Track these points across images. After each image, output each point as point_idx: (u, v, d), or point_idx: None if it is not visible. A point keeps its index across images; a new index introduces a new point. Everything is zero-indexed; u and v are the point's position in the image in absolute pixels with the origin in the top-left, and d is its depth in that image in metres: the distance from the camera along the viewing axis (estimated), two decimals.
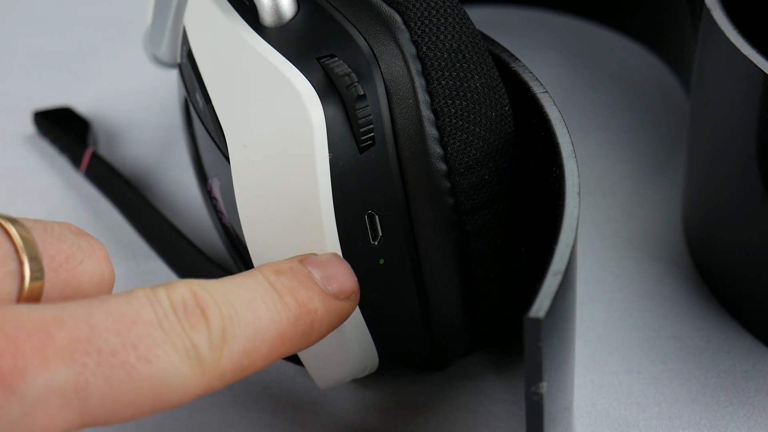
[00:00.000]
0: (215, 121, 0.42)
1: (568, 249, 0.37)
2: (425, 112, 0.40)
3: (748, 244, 0.47)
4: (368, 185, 0.40)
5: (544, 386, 0.40)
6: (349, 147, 0.39)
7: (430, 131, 0.40)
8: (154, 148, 0.59)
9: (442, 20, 0.41)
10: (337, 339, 0.41)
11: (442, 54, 0.40)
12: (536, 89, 0.42)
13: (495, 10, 0.67)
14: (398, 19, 0.40)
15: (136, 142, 0.60)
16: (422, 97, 0.40)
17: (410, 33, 0.40)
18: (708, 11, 0.46)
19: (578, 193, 0.38)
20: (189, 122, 0.49)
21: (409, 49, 0.40)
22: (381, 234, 0.40)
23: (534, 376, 0.36)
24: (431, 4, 0.41)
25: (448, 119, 0.40)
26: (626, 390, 0.47)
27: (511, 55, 0.43)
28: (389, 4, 0.41)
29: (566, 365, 0.40)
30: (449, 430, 0.46)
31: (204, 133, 0.45)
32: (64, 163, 0.58)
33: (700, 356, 0.48)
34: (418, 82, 0.40)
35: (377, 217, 0.40)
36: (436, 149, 0.40)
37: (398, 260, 0.41)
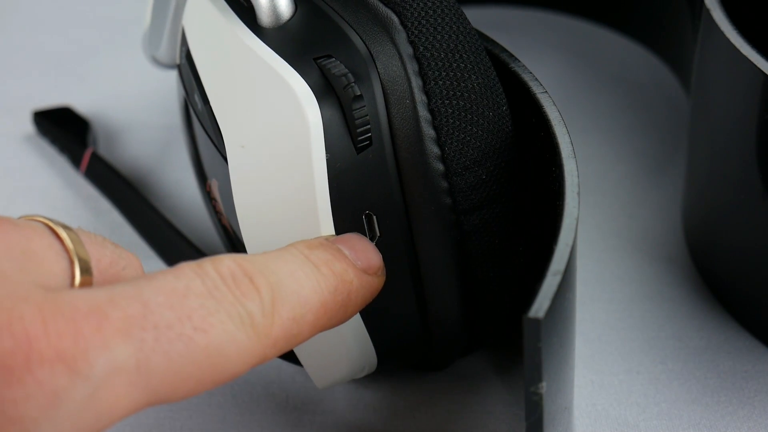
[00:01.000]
0: (213, 121, 0.42)
1: (568, 249, 0.37)
2: (422, 112, 0.40)
3: (748, 244, 0.47)
4: (365, 185, 0.40)
5: (544, 386, 0.40)
6: (346, 147, 0.39)
7: (428, 131, 0.40)
8: (154, 148, 0.59)
9: (439, 20, 0.41)
10: (336, 339, 0.41)
11: (439, 54, 0.40)
12: (536, 89, 0.42)
13: (495, 10, 0.67)
14: (395, 19, 0.40)
15: (136, 142, 0.60)
16: (419, 97, 0.40)
17: (407, 33, 0.40)
18: (708, 11, 0.46)
19: (578, 193, 0.38)
20: (188, 123, 0.49)
21: (405, 50, 0.40)
22: (379, 234, 0.40)
23: (534, 376, 0.36)
24: (428, 4, 0.41)
25: (445, 119, 0.40)
26: (626, 390, 0.47)
27: (511, 55, 0.43)
28: (386, 5, 0.41)
29: (566, 365, 0.40)
30: (449, 430, 0.46)
31: (203, 134, 0.45)
32: (64, 163, 0.58)
33: (700, 356, 0.48)
34: (415, 83, 0.40)
35: (375, 217, 0.40)
36: (433, 149, 0.40)
37: (396, 260, 0.41)
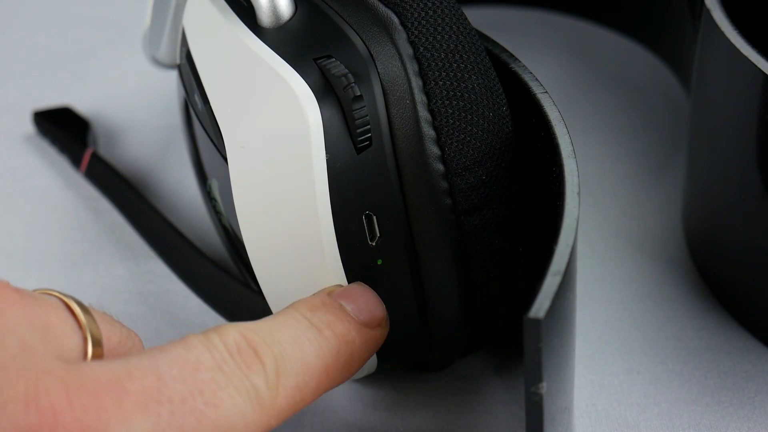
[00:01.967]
0: (213, 121, 0.42)
1: (568, 249, 0.37)
2: (422, 113, 0.40)
3: (748, 244, 0.47)
4: (366, 186, 0.40)
5: (544, 386, 0.40)
6: (346, 148, 0.39)
7: (428, 132, 0.40)
8: (154, 148, 0.59)
9: (439, 20, 0.41)
10: None
11: (439, 54, 0.40)
12: (536, 89, 0.42)
13: (495, 10, 0.67)
14: (395, 19, 0.40)
15: (136, 143, 0.60)
16: (419, 97, 0.40)
17: (407, 33, 0.40)
18: (708, 11, 0.46)
19: (578, 194, 0.38)
20: (188, 123, 0.49)
21: (406, 50, 0.40)
22: (379, 235, 0.40)
23: (534, 377, 0.36)
24: (428, 4, 0.41)
25: (445, 120, 0.40)
26: (626, 390, 0.47)
27: (511, 55, 0.43)
28: (386, 5, 0.41)
29: (566, 365, 0.40)
30: (449, 430, 0.46)
31: (203, 134, 0.45)
32: (64, 163, 0.58)
33: (700, 356, 0.48)
34: (415, 83, 0.40)
35: (375, 217, 0.40)
36: (433, 150, 0.40)
37: (396, 261, 0.41)
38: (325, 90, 0.39)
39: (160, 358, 0.35)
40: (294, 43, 0.40)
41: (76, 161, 0.57)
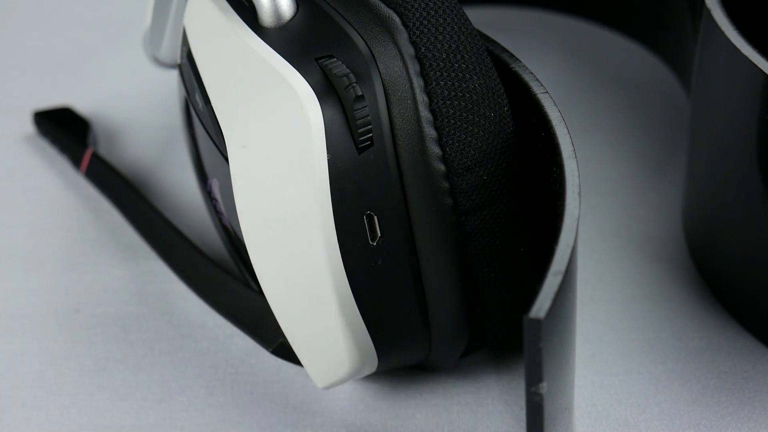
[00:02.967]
0: (214, 121, 0.42)
1: (569, 249, 0.37)
2: (424, 113, 0.40)
3: (748, 244, 0.47)
4: (367, 186, 0.39)
5: (545, 387, 0.40)
6: (347, 148, 0.39)
7: (429, 132, 0.40)
8: (154, 148, 0.59)
9: (440, 21, 0.41)
10: (337, 339, 0.41)
11: (441, 54, 0.40)
12: (536, 90, 0.42)
13: (495, 10, 0.67)
14: (397, 19, 0.40)
15: (136, 142, 0.60)
16: (420, 97, 0.40)
17: (409, 33, 0.40)
18: (708, 11, 0.46)
19: (578, 194, 0.38)
20: (189, 123, 0.49)
21: (407, 50, 0.40)
22: (380, 235, 0.40)
23: (534, 377, 0.36)
24: (430, 4, 0.41)
25: (446, 120, 0.40)
26: (626, 390, 0.47)
27: (512, 55, 0.43)
28: (388, 5, 0.41)
29: (566, 366, 0.40)
30: (449, 430, 0.46)
31: (204, 134, 0.45)
32: (64, 163, 0.58)
33: (700, 357, 0.48)
34: (417, 83, 0.40)
35: (376, 217, 0.40)
36: (434, 150, 0.40)
37: (397, 261, 0.41)
38: (327, 90, 0.39)
39: None
40: (295, 42, 0.40)
41: (76, 161, 0.57)
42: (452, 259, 0.41)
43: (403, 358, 0.45)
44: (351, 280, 0.40)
